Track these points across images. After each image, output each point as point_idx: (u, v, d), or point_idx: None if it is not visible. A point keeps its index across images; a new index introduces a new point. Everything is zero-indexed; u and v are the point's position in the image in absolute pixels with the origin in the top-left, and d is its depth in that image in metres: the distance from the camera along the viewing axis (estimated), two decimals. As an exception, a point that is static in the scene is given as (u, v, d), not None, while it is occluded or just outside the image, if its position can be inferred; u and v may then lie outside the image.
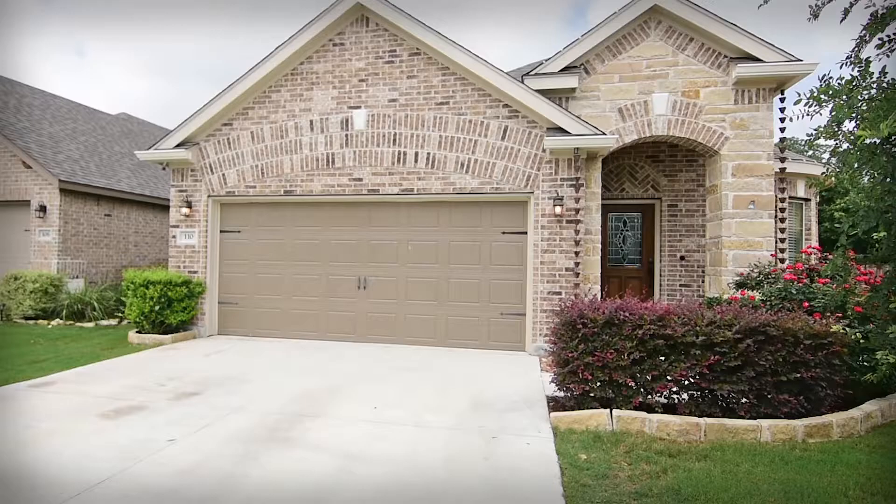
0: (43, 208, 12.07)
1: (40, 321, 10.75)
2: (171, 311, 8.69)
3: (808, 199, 10.53)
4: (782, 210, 7.91)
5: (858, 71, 3.27)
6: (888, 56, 3.42)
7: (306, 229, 9.22)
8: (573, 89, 8.41)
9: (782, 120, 7.67)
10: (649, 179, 9.89)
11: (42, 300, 10.97)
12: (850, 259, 4.02)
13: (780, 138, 7.85)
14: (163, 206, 14.84)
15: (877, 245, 3.51)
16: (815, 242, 10.54)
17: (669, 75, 8.15)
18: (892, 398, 5.23)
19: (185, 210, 9.41)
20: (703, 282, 9.34)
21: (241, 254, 9.46)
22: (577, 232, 7.96)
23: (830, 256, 5.00)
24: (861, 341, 4.06)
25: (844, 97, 3.16)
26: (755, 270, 6.67)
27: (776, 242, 7.80)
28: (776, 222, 7.85)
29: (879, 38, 3.40)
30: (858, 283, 5.47)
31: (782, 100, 7.84)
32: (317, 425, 4.70)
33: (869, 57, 3.26)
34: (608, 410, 4.74)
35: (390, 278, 8.86)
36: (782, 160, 7.83)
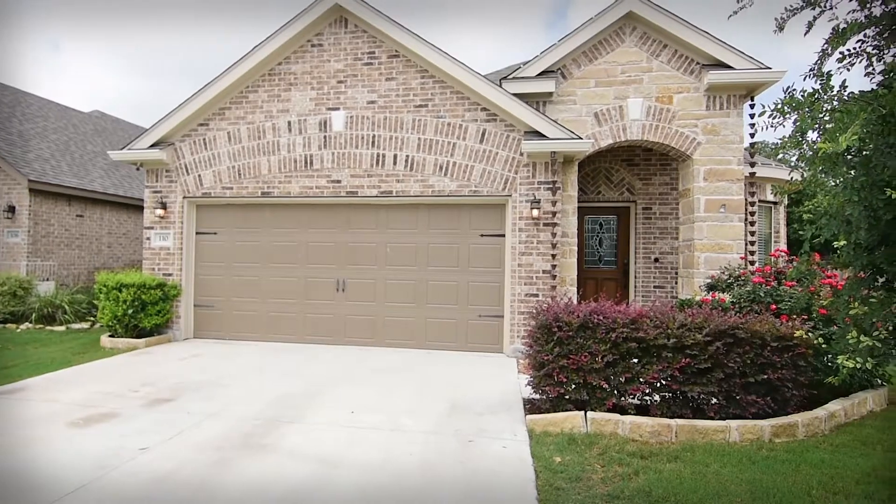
0: (11, 209, 11.77)
1: (9, 325, 10.48)
2: (146, 315, 8.55)
3: (776, 203, 10.81)
4: (752, 214, 8.12)
5: (820, 84, 3.38)
6: (848, 70, 3.55)
7: (284, 231, 9.16)
8: (550, 93, 8.51)
9: (752, 126, 7.88)
10: (624, 183, 10.05)
11: (11, 303, 10.70)
12: (813, 264, 4.15)
13: (750, 143, 8.06)
14: (137, 207, 14.57)
15: (839, 251, 3.64)
16: (783, 244, 10.84)
17: (644, 81, 8.30)
18: (854, 397, 5.42)
19: (159, 211, 9.27)
20: (676, 283, 9.53)
21: (218, 256, 9.35)
22: (553, 235, 8.06)
23: (797, 261, 5.16)
24: (823, 346, 4.20)
25: (807, 109, 3.27)
26: (725, 273, 6.84)
27: (746, 245, 8.00)
28: (746, 225, 8.05)
29: (840, 52, 3.53)
30: (823, 285, 5.65)
31: (752, 106, 8.05)
32: (293, 430, 4.69)
33: (830, 70, 3.37)
34: (583, 413, 4.83)
35: (369, 281, 8.85)
36: (752, 165, 8.04)
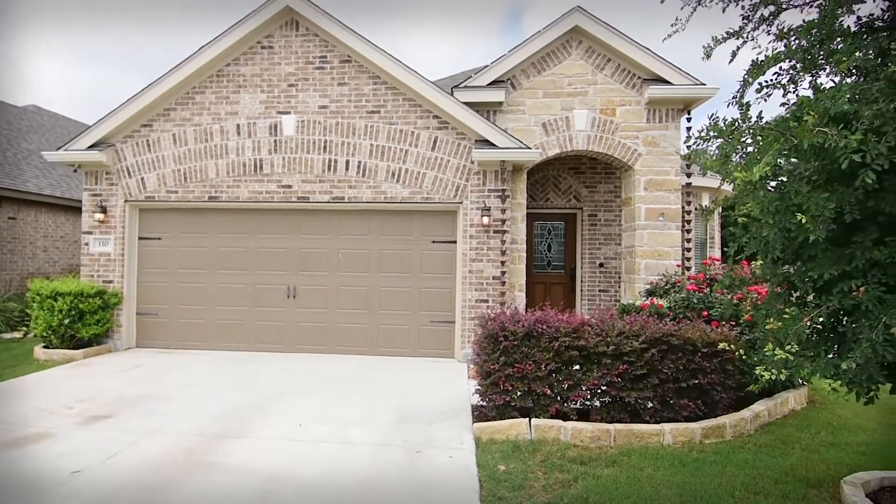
0: (-67, 211, 11.01)
1: (-69, 335, 9.82)
2: (83, 325, 8.20)
3: (711, 210, 11.40)
4: (688, 222, 8.56)
5: (740, 113, 3.64)
6: (766, 101, 3.83)
7: (233, 237, 8.97)
8: (500, 103, 8.69)
9: (688, 139, 8.29)
10: (572, 190, 10.37)
11: (-67, 312, 10.02)
12: (741, 272, 4.44)
13: (686, 155, 8.48)
14: (76, 209, 13.89)
15: (759, 268, 3.92)
16: (718, 248, 11.45)
17: (589, 93, 8.59)
18: (777, 397, 5.82)
19: (99, 215, 8.90)
20: (620, 287, 9.91)
21: (162, 262, 9.06)
22: (503, 242, 8.24)
23: (726, 269, 5.49)
24: (744, 356, 4.50)
25: (728, 137, 3.51)
26: (663, 280, 7.19)
27: (683, 252, 8.42)
28: (683, 233, 8.47)
29: (759, 83, 3.80)
30: (751, 292, 6.04)
31: (689, 119, 8.49)
32: (239, 446, 4.64)
33: (749, 101, 3.63)
34: (527, 420, 4.99)
35: (321, 287, 8.79)
36: (688, 176, 8.47)
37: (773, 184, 3.60)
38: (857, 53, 3.30)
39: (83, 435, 4.86)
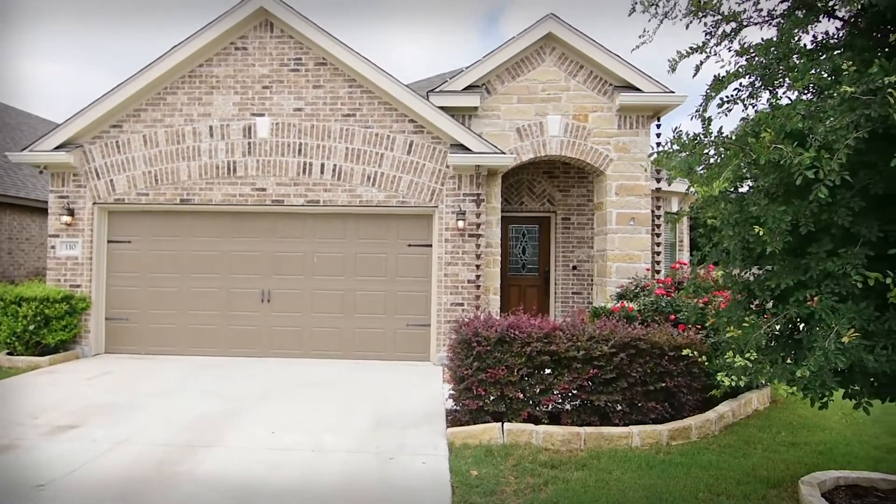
0: None
1: None
2: (49, 331, 8.00)
3: (678, 218, 11.69)
4: (658, 226, 8.75)
5: (703, 127, 3.75)
6: (726, 115, 3.96)
7: (205, 240, 8.85)
8: (475, 108, 8.75)
9: (658, 145, 8.48)
10: (546, 194, 10.50)
11: None
12: (702, 286, 4.57)
13: (655, 160, 8.67)
14: (42, 210, 13.51)
15: (720, 277, 4.05)
16: (687, 251, 11.73)
17: (562, 99, 8.73)
18: (742, 398, 6.01)
19: (66, 218, 8.69)
20: (592, 290, 10.08)
21: (132, 266, 8.89)
22: (478, 246, 8.31)
23: (690, 278, 5.62)
24: (706, 364, 4.64)
25: (690, 151, 3.61)
26: (633, 283, 7.35)
27: (652, 256, 8.61)
28: (653, 237, 8.66)
29: (720, 98, 3.93)
30: (717, 296, 6.21)
31: (658, 126, 8.68)
32: (210, 456, 4.60)
33: (710, 116, 3.75)
34: (500, 424, 5.06)
35: (296, 291, 8.74)
36: (658, 180, 8.66)
37: (735, 195, 3.73)
38: (811, 71, 3.43)
39: (48, 446, 4.76)
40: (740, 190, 3.83)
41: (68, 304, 8.23)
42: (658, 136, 8.57)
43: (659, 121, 8.72)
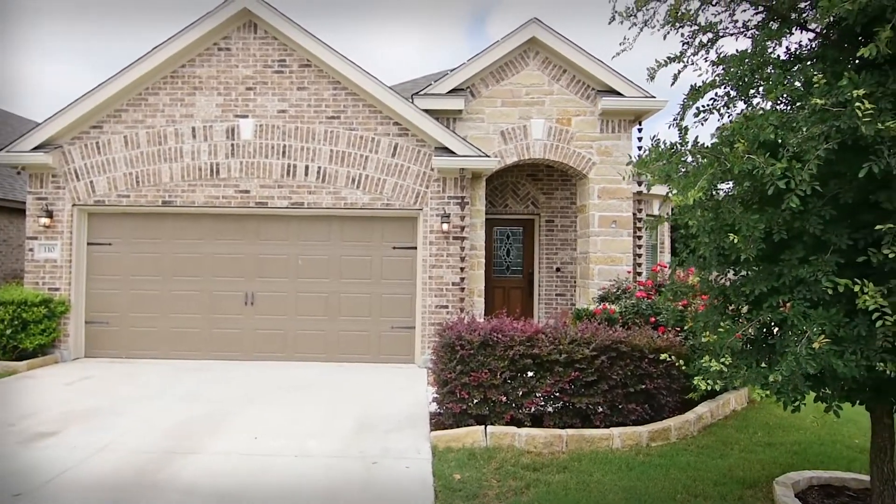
0: None
1: None
2: (27, 335, 7.87)
3: (656, 223, 11.87)
4: (639, 229, 8.88)
5: (679, 136, 3.83)
6: (703, 125, 4.04)
7: (188, 242, 8.78)
8: (460, 111, 8.80)
9: (640, 149, 8.61)
10: (530, 196, 10.59)
11: None
12: (680, 291, 4.65)
13: (636, 164, 8.79)
14: (20, 211, 13.26)
15: (697, 282, 4.13)
16: (668, 253, 11.88)
17: (546, 103, 8.81)
18: (720, 399, 6.12)
19: (44, 220, 8.56)
20: (575, 292, 10.18)
21: (113, 269, 8.79)
22: (462, 248, 8.36)
23: (667, 282, 5.70)
24: (683, 367, 4.72)
25: (667, 160, 3.69)
26: (615, 285, 7.45)
27: (634, 258, 8.73)
28: (634, 240, 8.78)
29: (696, 108, 4.01)
30: (696, 299, 6.31)
31: (640, 130, 8.81)
32: (192, 463, 4.58)
33: (687, 126, 3.83)
34: (483, 427, 5.10)
35: (280, 293, 8.71)
36: (639, 184, 8.76)
37: (711, 202, 3.81)
38: (784, 83, 3.52)
39: (26, 454, 4.69)
40: (718, 192, 3.91)
41: (47, 308, 8.11)
42: (640, 139, 8.71)
43: (640, 125, 8.85)
